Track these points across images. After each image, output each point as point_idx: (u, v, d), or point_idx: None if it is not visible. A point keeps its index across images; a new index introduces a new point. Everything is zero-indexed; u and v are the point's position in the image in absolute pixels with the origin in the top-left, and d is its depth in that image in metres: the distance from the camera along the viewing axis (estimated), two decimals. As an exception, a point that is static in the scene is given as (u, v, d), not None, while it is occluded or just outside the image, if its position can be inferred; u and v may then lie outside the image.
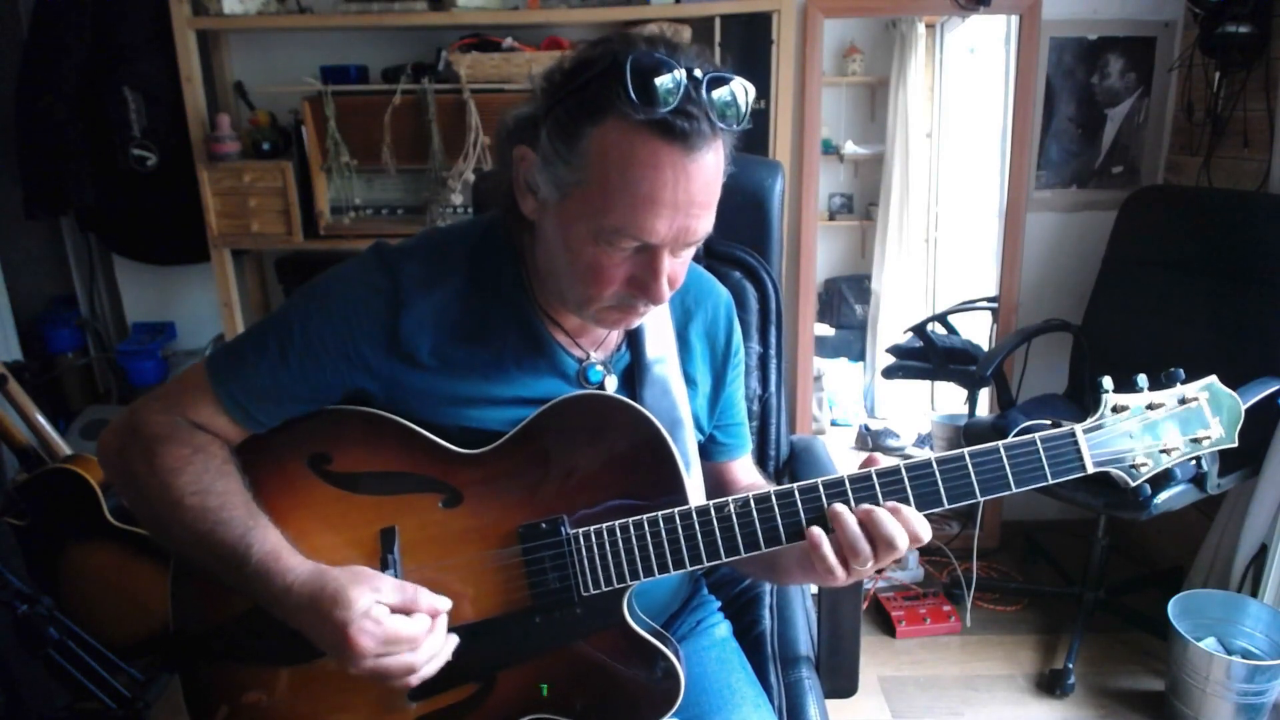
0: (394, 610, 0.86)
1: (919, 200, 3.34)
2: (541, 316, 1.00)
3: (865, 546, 0.87)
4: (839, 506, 0.88)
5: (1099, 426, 0.91)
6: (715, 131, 0.84)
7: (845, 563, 0.88)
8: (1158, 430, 0.92)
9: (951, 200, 3.37)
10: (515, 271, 1.00)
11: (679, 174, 0.83)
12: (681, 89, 0.80)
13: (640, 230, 0.84)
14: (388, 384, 0.97)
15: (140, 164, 2.53)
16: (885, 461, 0.92)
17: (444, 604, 0.90)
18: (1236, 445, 0.93)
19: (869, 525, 0.87)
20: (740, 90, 0.85)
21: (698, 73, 0.82)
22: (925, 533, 0.88)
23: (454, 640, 0.91)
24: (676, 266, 0.90)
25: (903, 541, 0.87)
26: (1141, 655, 2.29)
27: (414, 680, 0.87)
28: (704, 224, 0.87)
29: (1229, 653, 2.00)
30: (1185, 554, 2.43)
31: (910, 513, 0.88)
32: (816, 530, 0.89)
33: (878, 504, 0.89)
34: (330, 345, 0.94)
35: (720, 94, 0.83)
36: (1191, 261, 2.29)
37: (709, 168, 0.85)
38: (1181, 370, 0.92)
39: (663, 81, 0.80)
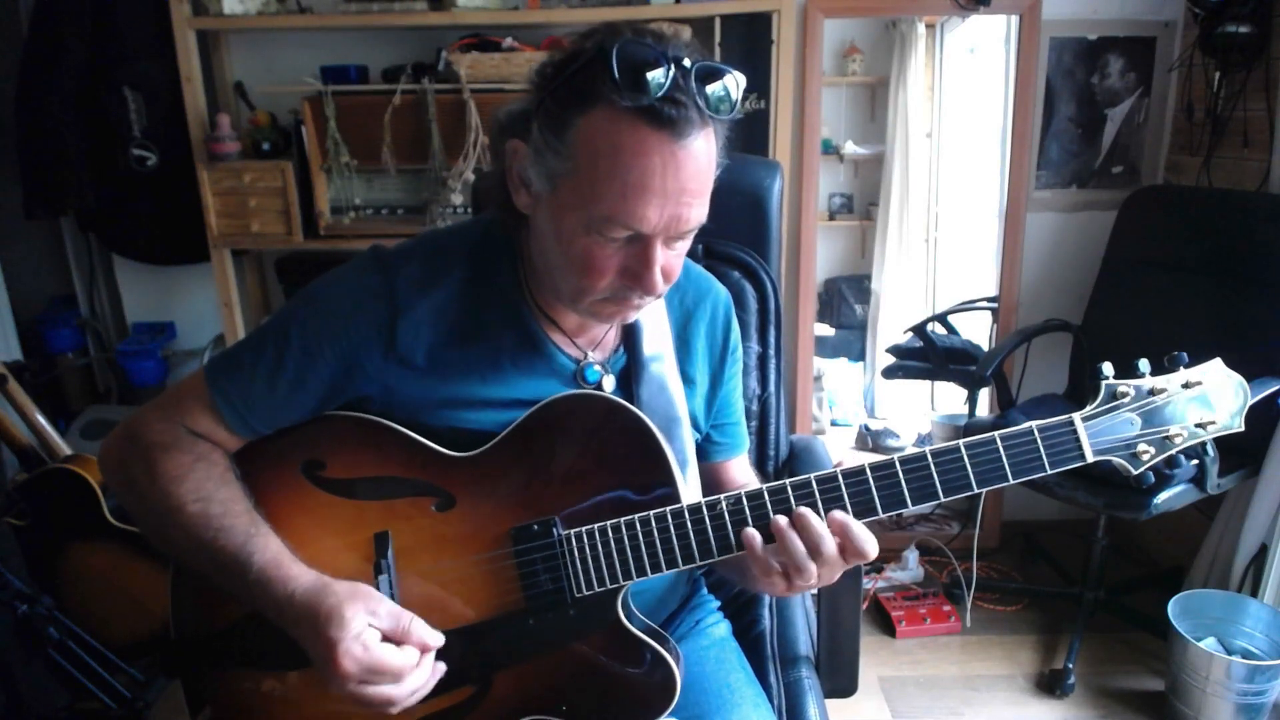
0: (385, 637, 0.86)
1: (919, 200, 3.33)
2: (538, 316, 1.00)
3: (802, 553, 0.87)
4: (779, 519, 0.88)
5: (1098, 414, 0.88)
6: (705, 119, 0.83)
7: (786, 571, 0.89)
8: (1160, 416, 0.88)
9: (951, 200, 3.36)
10: (513, 270, 1.00)
11: (668, 161, 0.82)
12: (669, 76, 0.80)
13: (630, 218, 0.84)
14: (385, 388, 0.96)
15: (140, 164, 2.53)
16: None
17: (436, 639, 0.89)
18: (1244, 430, 0.89)
19: (802, 531, 0.87)
20: (730, 80, 0.84)
21: (686, 61, 0.82)
22: (871, 549, 0.87)
23: (441, 669, 0.90)
24: (671, 258, 0.90)
25: (830, 548, 0.87)
26: (1141, 655, 2.28)
27: (391, 712, 0.87)
28: (696, 213, 0.87)
29: (1229, 653, 2.00)
30: (1185, 554, 2.43)
31: (857, 528, 0.88)
32: (752, 532, 0.89)
33: (872, 499, 0.89)
34: (327, 351, 0.94)
35: (710, 83, 0.83)
36: (1191, 261, 2.29)
37: (699, 155, 0.84)
38: (1185, 354, 0.89)
39: (649, 69, 0.80)
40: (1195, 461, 1.97)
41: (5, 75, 2.57)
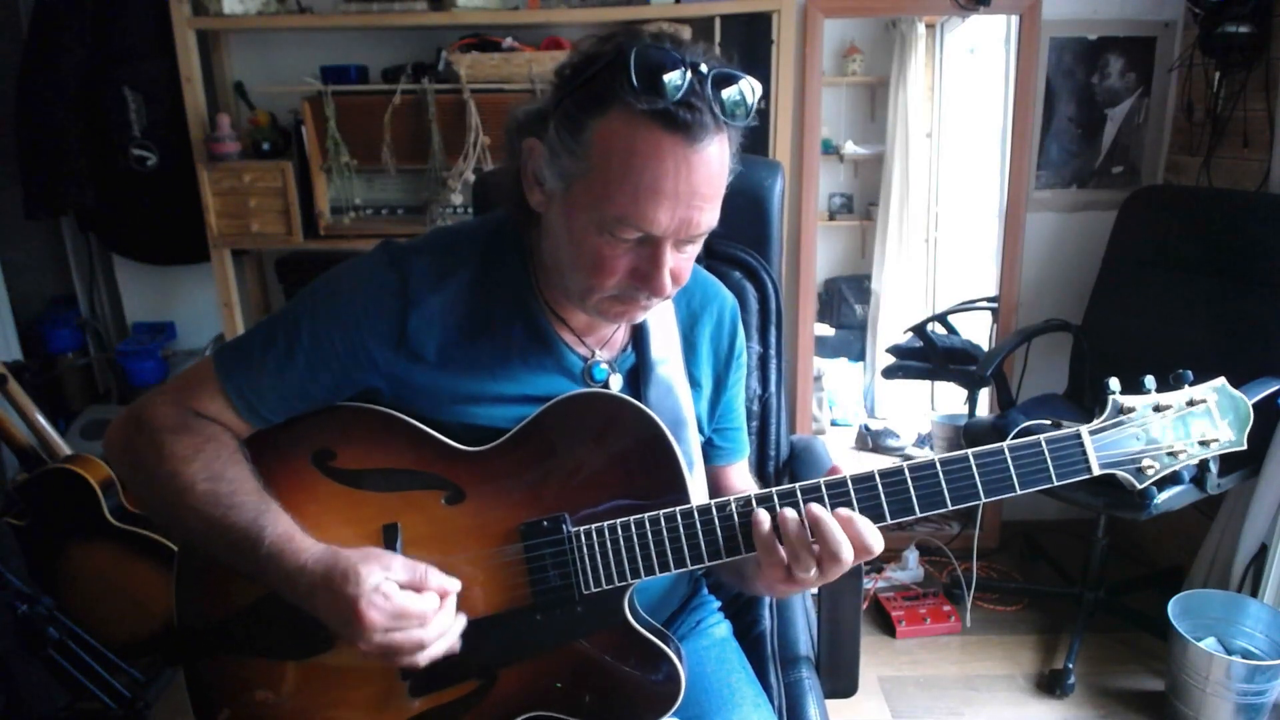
0: (403, 587, 0.87)
1: (919, 200, 3.34)
2: (548, 313, 1.01)
3: (808, 554, 0.87)
4: (787, 511, 0.88)
5: (1105, 428, 0.90)
6: (719, 124, 0.84)
7: (789, 566, 0.89)
8: (1165, 432, 0.90)
9: (951, 200, 3.36)
10: (523, 268, 1.01)
11: (680, 164, 0.83)
12: (685, 81, 0.81)
13: (641, 220, 0.85)
14: (395, 382, 0.97)
15: (140, 164, 2.53)
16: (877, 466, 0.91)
17: (453, 584, 0.90)
18: (1245, 448, 0.91)
19: (816, 532, 0.87)
20: (746, 86, 0.86)
21: (703, 67, 0.83)
22: (876, 544, 0.87)
23: (462, 620, 0.91)
24: (680, 261, 0.91)
25: (848, 553, 0.87)
26: (1141, 655, 2.28)
27: (423, 659, 0.87)
28: (707, 217, 0.88)
29: (1229, 653, 2.00)
30: (1185, 554, 2.43)
31: (862, 523, 0.88)
32: (763, 512, 0.89)
33: (881, 506, 0.89)
34: (338, 343, 0.95)
35: (726, 89, 0.84)
36: (1191, 261, 2.29)
37: (712, 160, 0.85)
38: (1190, 372, 0.91)
39: (666, 73, 0.81)
40: (1197, 463, 1.97)
41: (5, 75, 2.56)
